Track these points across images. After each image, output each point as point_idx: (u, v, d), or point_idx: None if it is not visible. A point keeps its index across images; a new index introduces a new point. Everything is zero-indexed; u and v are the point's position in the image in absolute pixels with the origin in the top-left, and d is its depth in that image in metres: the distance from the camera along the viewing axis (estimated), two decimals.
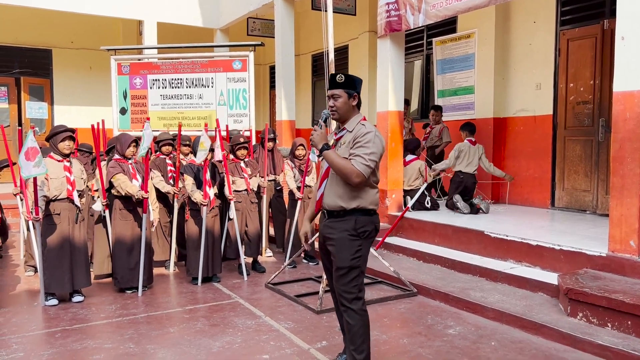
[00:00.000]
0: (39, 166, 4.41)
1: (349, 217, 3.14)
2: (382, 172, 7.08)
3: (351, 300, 3.14)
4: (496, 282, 5.08)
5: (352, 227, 3.13)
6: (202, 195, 5.39)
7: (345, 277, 3.13)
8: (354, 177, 3.03)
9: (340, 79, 3.18)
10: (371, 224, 3.19)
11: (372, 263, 5.83)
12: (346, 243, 3.12)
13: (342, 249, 3.13)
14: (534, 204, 7.49)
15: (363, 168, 3.03)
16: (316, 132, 3.18)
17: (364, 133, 3.09)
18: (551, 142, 7.26)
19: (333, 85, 3.21)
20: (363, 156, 3.04)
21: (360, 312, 3.16)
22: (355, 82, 3.23)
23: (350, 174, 3.03)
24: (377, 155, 3.09)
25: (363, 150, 3.05)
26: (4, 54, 11.95)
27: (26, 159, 4.37)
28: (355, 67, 11.13)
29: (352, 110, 3.23)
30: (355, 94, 3.22)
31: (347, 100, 3.19)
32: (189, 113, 8.66)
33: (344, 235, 3.13)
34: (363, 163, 3.03)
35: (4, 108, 12.06)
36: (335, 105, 3.20)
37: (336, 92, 3.19)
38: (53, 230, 4.76)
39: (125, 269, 5.17)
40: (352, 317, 3.14)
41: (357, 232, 3.13)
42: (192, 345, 3.84)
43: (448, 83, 8.80)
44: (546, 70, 7.30)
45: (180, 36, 11.70)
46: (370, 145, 3.06)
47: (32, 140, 4.44)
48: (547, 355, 3.69)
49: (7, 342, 3.92)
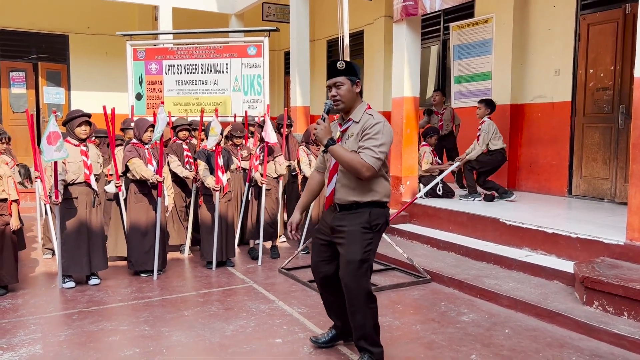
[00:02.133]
0: (61, 150, 4.45)
1: (363, 210, 3.06)
2: (396, 159, 7.04)
3: (364, 295, 3.09)
4: (511, 269, 5.04)
5: (366, 220, 3.05)
6: (215, 180, 5.41)
7: (357, 271, 3.06)
8: (364, 171, 2.93)
9: (341, 66, 3.04)
10: (383, 216, 3.13)
11: (385, 250, 5.84)
12: (358, 236, 3.05)
13: (354, 242, 3.05)
14: (551, 191, 7.39)
15: (373, 161, 2.93)
16: (320, 126, 3.01)
17: (372, 124, 2.98)
18: (569, 129, 7.14)
19: (334, 73, 3.05)
20: (372, 148, 2.93)
21: (372, 306, 3.14)
22: (356, 68, 3.10)
23: (360, 168, 2.92)
24: (387, 146, 2.99)
25: (372, 142, 2.94)
26: (21, 40, 12.06)
27: (48, 143, 4.41)
28: (370, 52, 11.04)
29: (356, 98, 3.10)
30: (358, 80, 3.09)
31: (350, 87, 3.05)
32: (204, 99, 8.67)
33: (356, 229, 3.05)
34: (373, 156, 2.93)
35: (22, 93, 12.19)
36: (338, 94, 3.05)
37: (339, 79, 3.04)
38: (71, 214, 4.82)
39: (140, 252, 5.23)
40: (361, 313, 3.11)
41: (370, 226, 3.06)
42: (206, 329, 3.88)
43: (465, 69, 8.69)
44: (565, 56, 7.17)
45: (195, 21, 11.68)
46: (380, 137, 2.95)
47: (54, 125, 4.47)
48: (561, 343, 3.66)
49: (26, 323, 3.99)
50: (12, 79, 12.05)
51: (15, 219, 4.68)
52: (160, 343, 3.63)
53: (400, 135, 6.97)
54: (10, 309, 4.29)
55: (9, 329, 3.86)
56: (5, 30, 11.87)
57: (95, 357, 3.41)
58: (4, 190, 4.62)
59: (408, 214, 6.85)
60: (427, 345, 3.64)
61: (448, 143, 8.14)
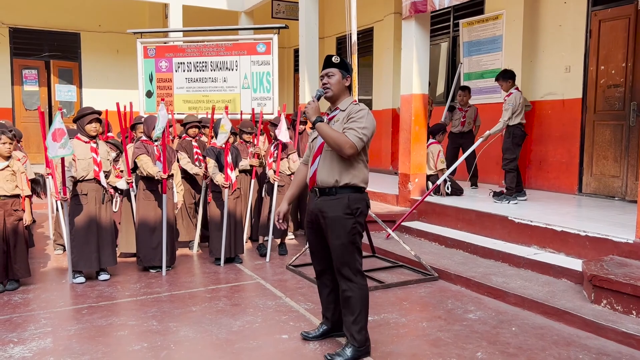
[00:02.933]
0: (65, 147, 4.50)
1: (341, 196, 3.26)
2: (405, 156, 7.03)
3: (352, 274, 3.28)
4: (519, 267, 5.03)
5: (345, 205, 3.25)
6: (224, 177, 5.44)
7: (344, 254, 3.26)
8: (347, 148, 3.15)
9: (335, 60, 3.33)
10: (362, 201, 3.33)
11: (393, 247, 5.85)
12: (341, 222, 3.25)
13: (338, 227, 3.25)
14: (561, 189, 7.35)
15: (356, 140, 3.15)
16: (309, 105, 3.31)
17: (357, 110, 3.25)
18: (580, 126, 7.09)
19: (328, 65, 3.34)
20: (356, 129, 3.17)
21: (360, 285, 3.31)
22: (348, 66, 3.39)
23: (343, 144, 3.14)
24: (369, 130, 3.22)
25: (356, 124, 3.18)
26: (34, 38, 12.19)
27: (53, 140, 4.46)
28: (380, 49, 11.02)
29: (345, 90, 3.36)
30: (349, 75, 3.37)
31: (340, 79, 3.32)
32: (213, 96, 8.71)
33: (338, 214, 3.25)
34: (356, 135, 3.15)
35: (34, 91, 12.32)
36: (329, 82, 3.31)
37: (331, 70, 3.32)
38: (80, 211, 4.88)
39: (148, 248, 5.27)
40: (352, 290, 3.29)
41: (350, 210, 3.25)
42: (213, 324, 3.92)
43: (474, 66, 8.65)
44: (576, 53, 7.11)
45: (205, 19, 11.73)
46: (363, 121, 3.20)
47: (60, 122, 4.52)
48: (568, 341, 3.64)
49: (36, 317, 4.05)
50: (24, 77, 12.19)
51: (28, 214, 4.75)
52: (168, 338, 3.66)
53: (408, 133, 6.96)
54: (21, 304, 4.35)
55: (20, 323, 3.92)
56: (18, 28, 12.00)
57: (103, 351, 3.45)
58: (17, 186, 4.68)
59: (416, 211, 6.84)
60: (432, 342, 3.64)
61: (466, 141, 7.97)
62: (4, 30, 11.88)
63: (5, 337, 3.65)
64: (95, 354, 3.41)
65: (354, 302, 3.28)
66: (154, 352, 3.44)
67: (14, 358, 3.34)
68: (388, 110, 10.81)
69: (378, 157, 10.97)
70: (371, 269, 5.33)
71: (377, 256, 5.86)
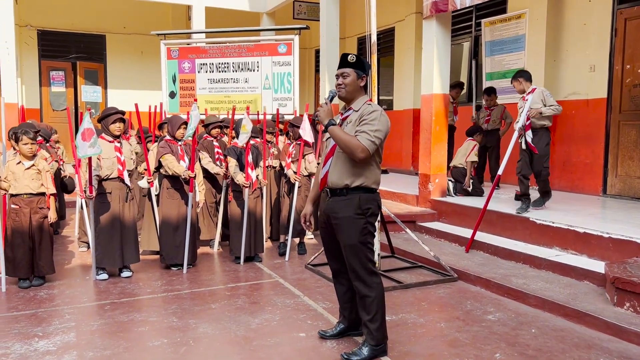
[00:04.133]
0: (94, 146, 4.60)
1: (352, 196, 3.25)
2: (425, 156, 7.00)
3: (366, 274, 3.28)
4: (540, 269, 4.97)
5: (356, 205, 3.24)
6: (244, 177, 5.49)
7: (356, 254, 3.26)
8: (359, 152, 3.12)
9: (351, 59, 3.28)
10: (374, 201, 3.30)
11: (412, 247, 5.83)
12: (352, 222, 3.24)
13: (349, 228, 3.25)
14: (584, 190, 7.23)
15: (368, 144, 3.12)
16: (322, 108, 3.30)
17: (370, 111, 3.20)
18: (604, 126, 6.97)
19: (344, 64, 3.30)
20: (369, 132, 3.13)
21: (374, 284, 3.30)
22: (365, 65, 3.33)
23: (355, 148, 3.12)
24: (382, 132, 3.17)
25: (369, 127, 3.15)
26: (61, 40, 12.47)
27: (82, 140, 4.57)
28: (401, 49, 10.99)
29: (359, 90, 3.33)
30: (364, 75, 3.32)
31: (355, 79, 3.28)
32: (235, 97, 8.79)
33: (349, 215, 3.24)
34: (368, 139, 3.12)
35: (61, 92, 12.60)
36: (343, 82, 3.28)
37: (346, 70, 3.29)
38: (105, 209, 4.98)
39: (171, 246, 5.35)
40: (367, 289, 3.29)
41: (362, 211, 3.24)
42: (232, 321, 3.96)
43: (497, 65, 8.56)
44: (601, 52, 6.99)
45: (228, 20, 11.85)
46: (376, 123, 3.16)
47: (89, 122, 4.62)
48: (589, 344, 3.59)
49: (61, 312, 4.15)
50: (52, 78, 12.48)
51: (53, 212, 4.86)
52: (187, 334, 3.72)
53: (429, 133, 6.93)
54: (46, 299, 4.46)
55: (45, 318, 4.02)
56: (45, 31, 12.29)
57: (124, 346, 3.52)
58: (42, 185, 4.80)
59: (436, 212, 6.81)
60: (450, 342, 3.63)
61: (490, 140, 7.84)
62: (33, 33, 12.18)
63: (30, 332, 3.75)
64: (117, 348, 3.48)
65: (369, 302, 3.29)
66: (174, 348, 3.50)
67: (38, 352, 3.43)
68: (409, 110, 10.76)
69: (399, 157, 10.94)
70: (390, 269, 5.32)
71: (396, 256, 5.85)
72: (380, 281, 3.35)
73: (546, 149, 5.91)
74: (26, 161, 4.74)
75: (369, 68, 3.40)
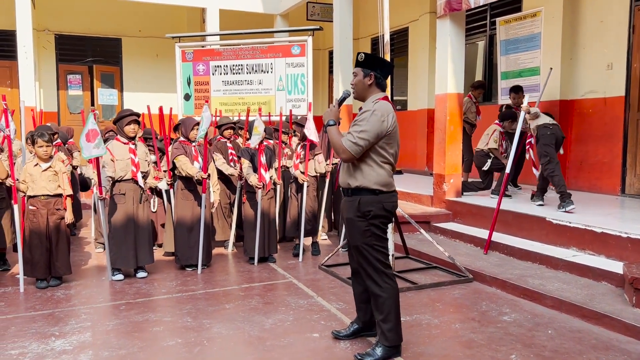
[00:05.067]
0: (99, 147, 4.65)
1: (354, 197, 3.26)
2: (439, 156, 6.95)
3: (376, 274, 3.27)
4: (557, 270, 4.90)
5: (356, 207, 3.23)
6: (258, 178, 5.51)
7: (362, 255, 3.27)
8: (340, 153, 3.18)
9: (360, 58, 3.26)
10: (377, 203, 3.22)
11: (427, 248, 5.79)
12: (354, 224, 3.26)
13: (351, 229, 3.29)
14: (602, 190, 7.12)
15: (349, 145, 3.11)
16: (329, 109, 3.34)
17: (363, 111, 3.20)
18: (622, 125, 6.85)
19: (356, 64, 3.32)
20: (352, 133, 3.14)
21: (385, 285, 3.28)
22: (375, 62, 3.28)
23: (337, 149, 3.18)
24: (368, 133, 3.11)
25: (355, 128, 3.15)
26: (78, 44, 12.63)
27: (87, 141, 4.62)
28: (415, 49, 10.94)
29: (368, 89, 3.31)
30: (372, 73, 3.26)
31: (362, 79, 3.28)
32: (249, 99, 8.82)
33: (351, 216, 3.26)
34: (350, 140, 3.11)
35: (78, 95, 12.76)
36: (353, 82, 3.32)
37: (355, 70, 3.31)
38: (119, 210, 5.02)
39: (186, 247, 5.39)
40: (378, 289, 3.28)
41: (361, 213, 3.22)
42: (245, 321, 3.97)
43: (512, 64, 8.47)
44: (619, 49, 6.88)
45: (242, 22, 11.90)
46: (363, 124, 3.13)
47: (93, 123, 4.67)
48: (607, 346, 3.53)
49: (77, 312, 4.20)
50: (69, 82, 12.64)
51: (70, 213, 4.92)
52: (201, 334, 3.73)
53: (443, 133, 6.88)
54: (63, 299, 4.51)
55: (62, 318, 4.07)
56: (63, 35, 12.46)
57: (139, 346, 3.55)
58: (59, 186, 4.86)
59: (451, 212, 6.76)
60: (465, 344, 3.59)
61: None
62: (50, 37, 12.36)
63: (47, 331, 3.79)
64: (132, 348, 3.51)
65: (381, 302, 3.27)
66: (188, 348, 3.51)
67: (55, 351, 3.47)
68: (423, 110, 10.71)
69: (413, 157, 10.88)
70: (404, 270, 5.29)
71: (411, 257, 5.81)
72: (394, 282, 3.33)
73: (544, 149, 5.95)
74: (43, 163, 4.81)
75: (381, 64, 3.29)
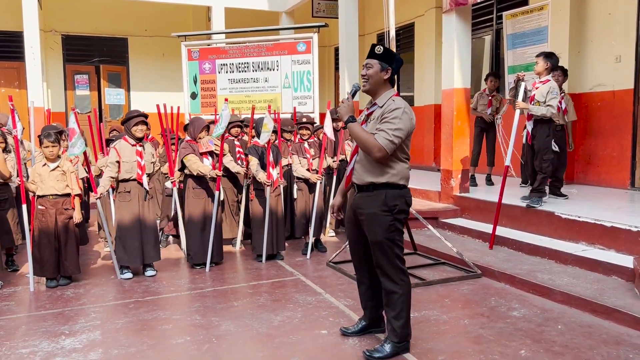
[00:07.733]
0: (75, 146, 4.68)
1: (379, 192, 3.17)
2: (447, 152, 6.92)
3: (393, 271, 3.22)
4: (566, 264, 4.87)
5: (382, 202, 3.16)
6: (266, 175, 5.51)
7: (383, 251, 3.20)
8: (375, 152, 3.04)
9: (378, 50, 3.17)
10: (401, 197, 3.20)
11: (435, 244, 5.78)
12: (378, 218, 3.17)
13: (375, 224, 3.18)
14: (612, 184, 7.06)
15: (385, 143, 3.02)
16: (343, 104, 3.22)
17: (392, 109, 3.09)
18: (632, 118, 6.80)
19: (370, 55, 3.19)
20: (387, 131, 3.04)
21: (401, 281, 3.24)
22: (393, 57, 3.20)
23: (372, 147, 3.04)
24: (403, 131, 3.06)
25: (388, 125, 3.05)
26: (85, 44, 12.68)
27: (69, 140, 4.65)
28: (421, 45, 10.89)
29: (383, 84, 3.22)
30: (389, 68, 3.18)
31: (378, 71, 3.17)
32: (255, 96, 8.82)
33: (375, 211, 3.17)
34: (386, 138, 3.02)
35: (85, 95, 12.81)
36: (367, 74, 3.18)
37: (370, 61, 3.18)
38: (124, 208, 5.04)
39: (198, 246, 5.40)
40: (393, 285, 3.23)
41: (388, 207, 3.16)
42: (254, 319, 3.98)
43: (519, 58, 8.41)
44: (627, 42, 6.82)
45: (247, 20, 11.88)
46: (397, 121, 3.05)
47: (72, 122, 4.70)
48: (618, 340, 3.51)
49: (87, 311, 4.22)
50: (76, 82, 12.70)
51: (78, 212, 4.94)
52: (210, 332, 3.75)
53: (450, 128, 6.85)
54: (73, 298, 4.54)
55: (72, 316, 4.09)
56: (70, 35, 12.51)
57: (148, 344, 3.57)
58: (67, 186, 4.89)
59: (459, 208, 6.73)
60: (474, 339, 3.58)
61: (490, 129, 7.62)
62: (57, 38, 12.41)
63: (57, 330, 3.82)
64: (141, 346, 3.53)
65: (396, 298, 3.23)
66: (197, 346, 3.52)
67: (65, 349, 3.49)
68: (430, 105, 10.66)
69: (420, 153, 10.84)
70: (412, 266, 5.27)
71: (419, 253, 5.80)
72: (408, 279, 3.31)
73: (547, 141, 5.80)
74: (51, 163, 4.83)
75: (398, 63, 3.22)
